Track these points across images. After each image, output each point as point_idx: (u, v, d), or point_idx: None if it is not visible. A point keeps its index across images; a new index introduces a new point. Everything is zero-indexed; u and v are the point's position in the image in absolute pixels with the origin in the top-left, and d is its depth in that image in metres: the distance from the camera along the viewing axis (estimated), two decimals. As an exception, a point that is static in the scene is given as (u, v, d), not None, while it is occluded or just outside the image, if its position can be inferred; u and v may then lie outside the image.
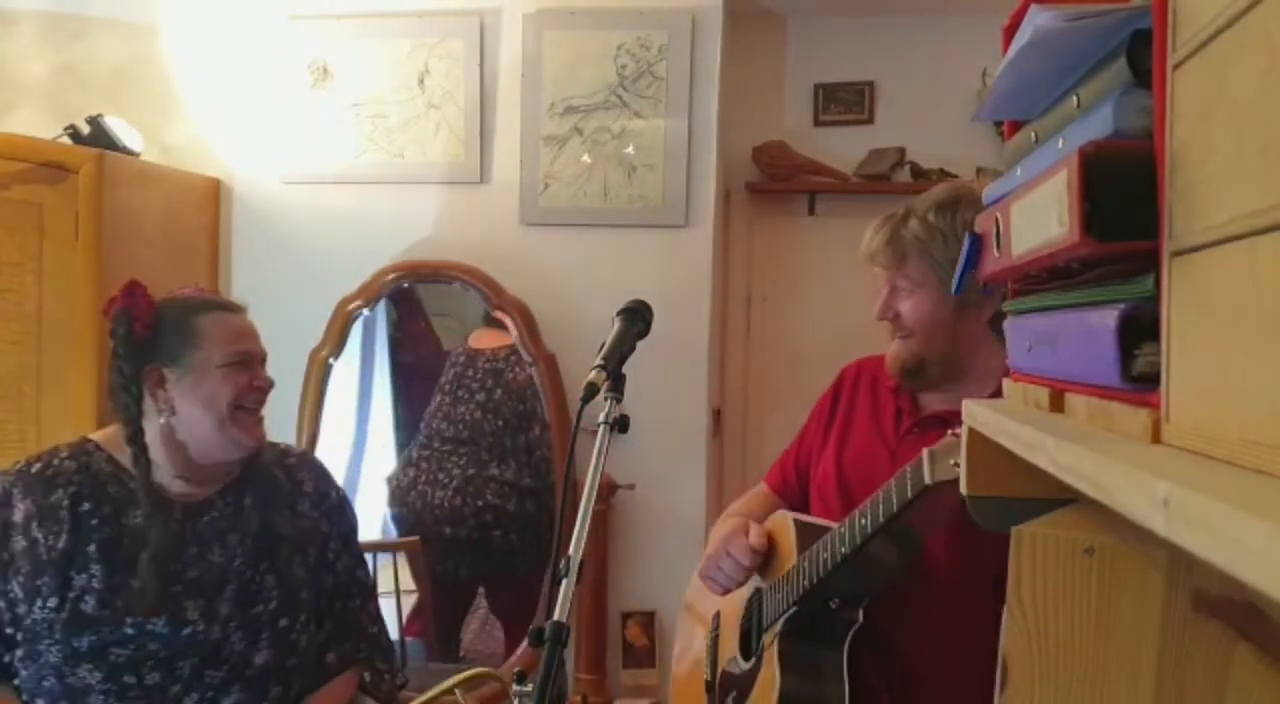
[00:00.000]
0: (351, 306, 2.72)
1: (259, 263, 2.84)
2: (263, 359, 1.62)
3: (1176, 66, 0.52)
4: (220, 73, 2.84)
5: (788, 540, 1.55)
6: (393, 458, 2.97)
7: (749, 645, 1.60)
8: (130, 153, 2.61)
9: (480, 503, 2.79)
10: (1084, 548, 0.69)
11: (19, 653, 1.47)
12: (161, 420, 1.52)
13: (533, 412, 2.76)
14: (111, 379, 1.54)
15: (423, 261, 2.72)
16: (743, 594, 1.65)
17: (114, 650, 1.45)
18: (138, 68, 2.86)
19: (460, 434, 2.84)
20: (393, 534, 2.89)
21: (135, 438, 1.51)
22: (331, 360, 2.73)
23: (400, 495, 2.88)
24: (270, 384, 1.61)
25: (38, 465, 1.52)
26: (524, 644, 2.63)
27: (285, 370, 2.69)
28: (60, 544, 1.46)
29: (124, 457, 1.54)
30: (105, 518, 1.49)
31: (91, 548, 1.47)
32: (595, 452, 1.23)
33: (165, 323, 1.53)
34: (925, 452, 1.27)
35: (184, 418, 1.52)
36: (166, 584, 1.48)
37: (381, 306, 2.82)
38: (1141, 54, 0.58)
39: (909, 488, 1.30)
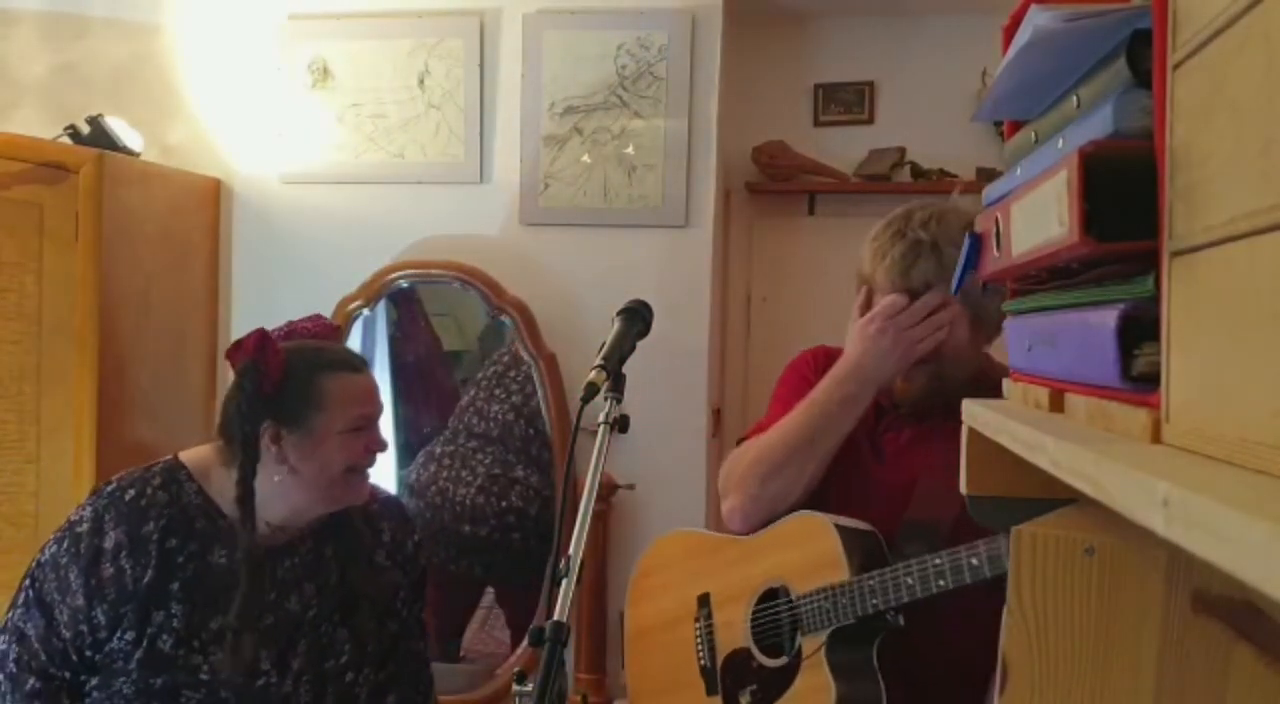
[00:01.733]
0: (351, 306, 2.72)
1: (259, 263, 2.84)
2: (379, 416, 1.58)
3: (1176, 66, 0.52)
4: (220, 73, 2.84)
5: (828, 546, 1.50)
6: (393, 458, 2.96)
7: (775, 643, 1.57)
8: (130, 153, 2.61)
9: (504, 503, 2.77)
10: (1084, 548, 0.69)
11: (94, 680, 1.45)
12: (277, 479, 1.49)
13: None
14: (228, 428, 1.49)
15: (423, 261, 2.72)
16: (742, 585, 1.61)
17: (185, 693, 1.44)
18: (138, 68, 2.86)
19: (490, 431, 2.81)
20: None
21: (246, 499, 1.46)
22: (331, 360, 2.73)
23: (419, 491, 2.85)
24: (385, 445, 1.57)
25: (131, 493, 1.48)
26: (524, 644, 2.63)
27: (285, 370, 2.71)
28: (146, 578, 1.43)
29: (214, 490, 1.50)
30: (190, 555, 1.46)
31: (175, 586, 1.45)
32: (595, 451, 1.23)
33: (291, 381, 1.48)
34: (984, 549, 1.34)
35: (297, 477, 1.49)
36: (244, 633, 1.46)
37: (381, 306, 2.82)
38: (1141, 54, 0.58)
39: (967, 575, 1.35)
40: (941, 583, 1.38)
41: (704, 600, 1.67)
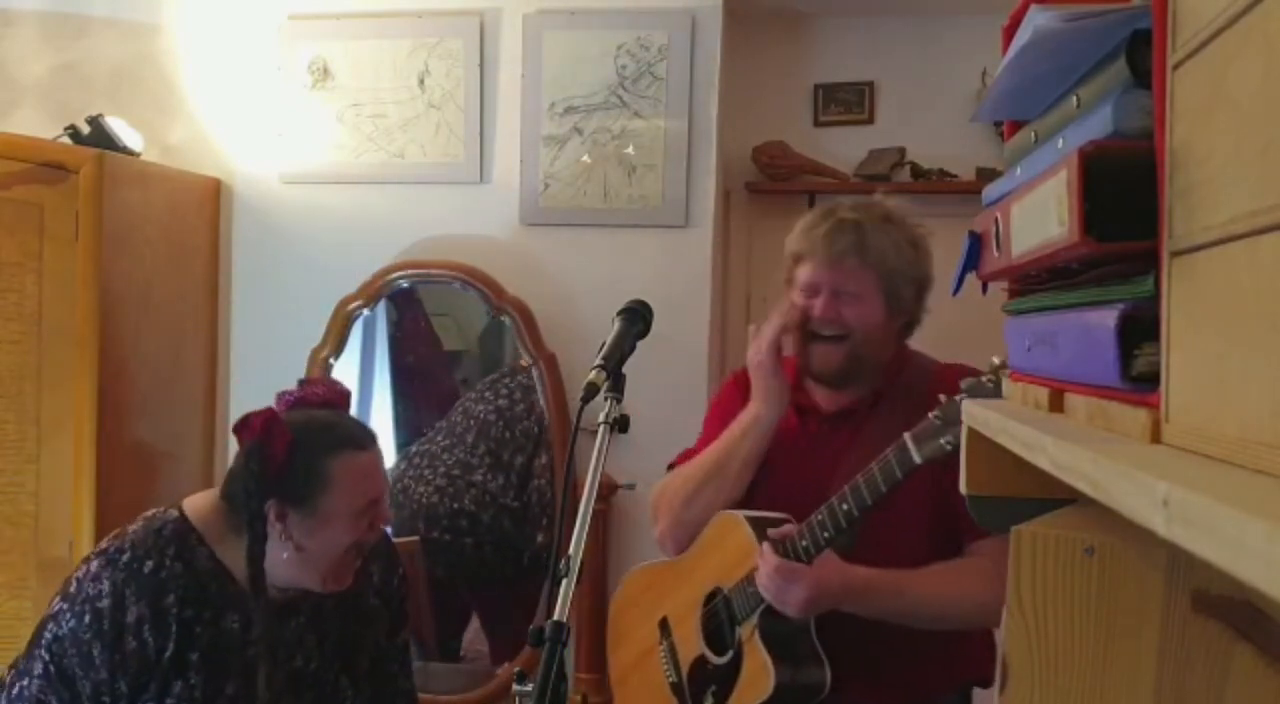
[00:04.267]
0: (351, 307, 2.72)
1: (259, 263, 2.84)
2: (386, 492, 1.59)
3: (1176, 66, 0.52)
4: (220, 73, 2.84)
5: (741, 537, 1.59)
6: (392, 458, 2.96)
7: (721, 641, 1.63)
8: (130, 153, 2.61)
9: (457, 506, 2.75)
10: (1084, 548, 0.69)
11: None
12: (285, 556, 1.48)
13: (548, 441, 2.71)
14: (233, 499, 1.48)
15: (423, 261, 2.72)
16: (689, 599, 1.69)
17: None
18: (138, 68, 2.86)
19: (467, 432, 2.81)
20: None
21: (256, 580, 1.44)
22: (331, 360, 2.73)
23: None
24: (390, 519, 1.60)
25: (150, 565, 1.46)
26: (523, 647, 2.63)
27: (285, 370, 2.70)
28: (168, 651, 1.44)
29: (223, 551, 1.49)
30: (206, 623, 1.47)
31: (194, 656, 1.45)
32: (595, 451, 1.23)
33: (297, 462, 1.46)
34: (907, 436, 1.39)
35: (303, 554, 1.49)
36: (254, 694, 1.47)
37: (381, 306, 2.82)
38: (1141, 54, 0.58)
39: (898, 471, 1.39)
40: (880, 488, 1.41)
41: (664, 624, 1.75)
